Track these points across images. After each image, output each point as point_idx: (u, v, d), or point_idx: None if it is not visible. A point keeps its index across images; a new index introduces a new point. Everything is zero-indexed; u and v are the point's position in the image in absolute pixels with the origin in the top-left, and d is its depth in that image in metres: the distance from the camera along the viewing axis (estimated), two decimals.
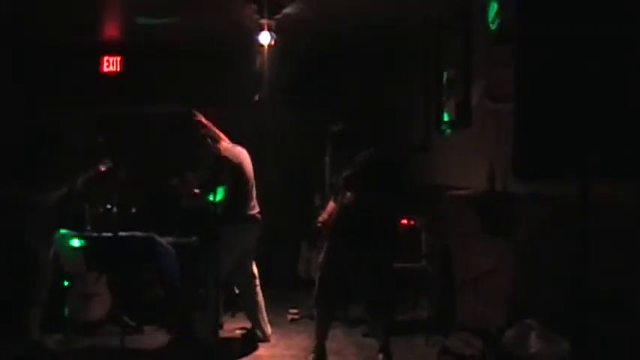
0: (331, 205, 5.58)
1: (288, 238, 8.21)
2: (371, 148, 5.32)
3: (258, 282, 6.12)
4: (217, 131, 5.96)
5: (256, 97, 6.91)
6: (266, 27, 6.70)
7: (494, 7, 5.21)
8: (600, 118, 2.34)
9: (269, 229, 6.08)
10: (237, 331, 6.35)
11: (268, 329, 6.10)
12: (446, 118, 6.70)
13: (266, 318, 6.12)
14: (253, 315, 6.08)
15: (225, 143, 5.97)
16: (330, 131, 5.53)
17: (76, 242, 5.65)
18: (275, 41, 6.77)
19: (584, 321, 2.70)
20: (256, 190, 6.09)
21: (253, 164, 6.10)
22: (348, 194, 5.22)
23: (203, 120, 5.95)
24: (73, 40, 8.07)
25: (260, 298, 6.10)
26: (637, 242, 3.40)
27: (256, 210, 6.00)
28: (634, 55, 2.33)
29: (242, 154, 6.00)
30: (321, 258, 5.41)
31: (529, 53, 2.51)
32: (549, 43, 2.47)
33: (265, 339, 6.04)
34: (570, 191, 2.60)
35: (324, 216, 5.67)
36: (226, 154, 5.87)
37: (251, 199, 5.98)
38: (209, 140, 5.90)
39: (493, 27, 5.24)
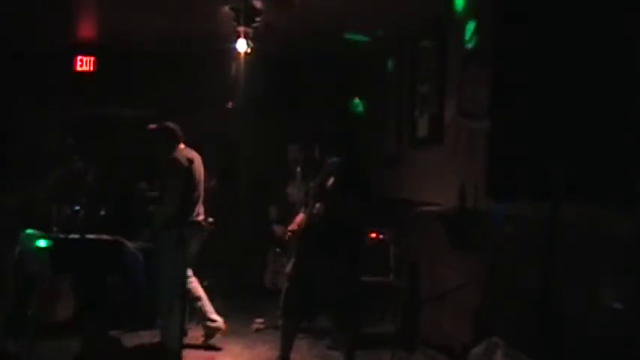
0: (301, 215, 5.56)
1: (255, 248, 8.16)
2: (339, 158, 5.31)
3: (192, 277, 6.03)
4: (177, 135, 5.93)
5: (229, 104, 6.89)
6: (242, 34, 6.68)
7: (471, 26, 5.25)
8: (577, 141, 2.36)
9: (237, 239, 6.05)
10: (202, 339, 6.28)
11: (218, 318, 6.03)
12: (419, 133, 6.71)
13: (212, 308, 6.05)
14: (200, 311, 6.02)
15: (181, 147, 5.91)
16: (323, 132, 5.48)
17: (42, 243, 5.53)
18: (252, 49, 6.75)
19: (551, 340, 2.72)
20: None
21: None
22: (317, 204, 5.21)
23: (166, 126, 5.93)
24: (47, 39, 7.99)
25: (200, 291, 6.03)
26: (603, 264, 3.44)
27: (201, 217, 5.94)
28: (610, 78, 2.35)
29: (194, 159, 5.93)
30: (288, 268, 5.39)
31: (505, 75, 2.53)
32: (525, 64, 2.49)
33: (219, 327, 5.99)
34: (540, 211, 2.62)
35: (293, 226, 5.64)
36: (177, 155, 5.81)
37: (197, 204, 5.94)
38: (162, 144, 5.86)
39: (470, 45, 5.28)
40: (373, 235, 6.78)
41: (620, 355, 3.31)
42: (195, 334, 6.35)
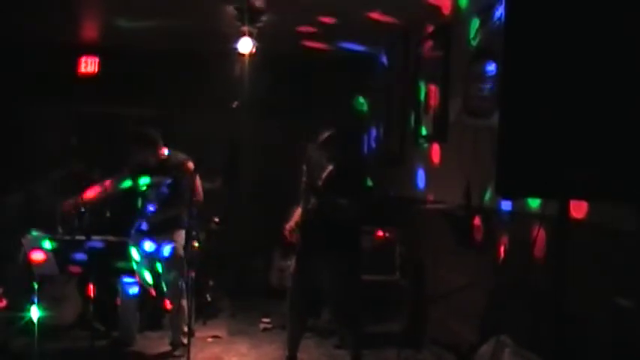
0: (298, 211, 5.53)
1: (260, 247, 8.16)
2: (334, 154, 5.28)
3: None
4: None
5: (234, 104, 6.87)
6: (247, 34, 6.67)
7: (475, 23, 5.24)
8: (585, 138, 2.35)
9: (242, 238, 6.04)
10: (209, 339, 6.29)
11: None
12: (423, 131, 6.69)
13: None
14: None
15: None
16: (328, 132, 5.44)
17: (47, 244, 5.51)
18: (256, 49, 6.74)
19: (561, 340, 2.70)
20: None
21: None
22: (313, 200, 5.19)
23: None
24: (50, 39, 7.99)
25: None
26: (614, 263, 3.42)
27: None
28: (620, 75, 2.34)
29: None
30: (292, 266, 5.39)
31: (514, 72, 2.52)
32: (533, 61, 2.48)
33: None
34: (549, 209, 2.61)
35: (290, 223, 5.61)
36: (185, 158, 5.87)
37: None
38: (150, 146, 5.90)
39: (474, 43, 5.27)
40: (379, 233, 6.75)
41: (629, 353, 3.30)
42: (201, 334, 6.36)
